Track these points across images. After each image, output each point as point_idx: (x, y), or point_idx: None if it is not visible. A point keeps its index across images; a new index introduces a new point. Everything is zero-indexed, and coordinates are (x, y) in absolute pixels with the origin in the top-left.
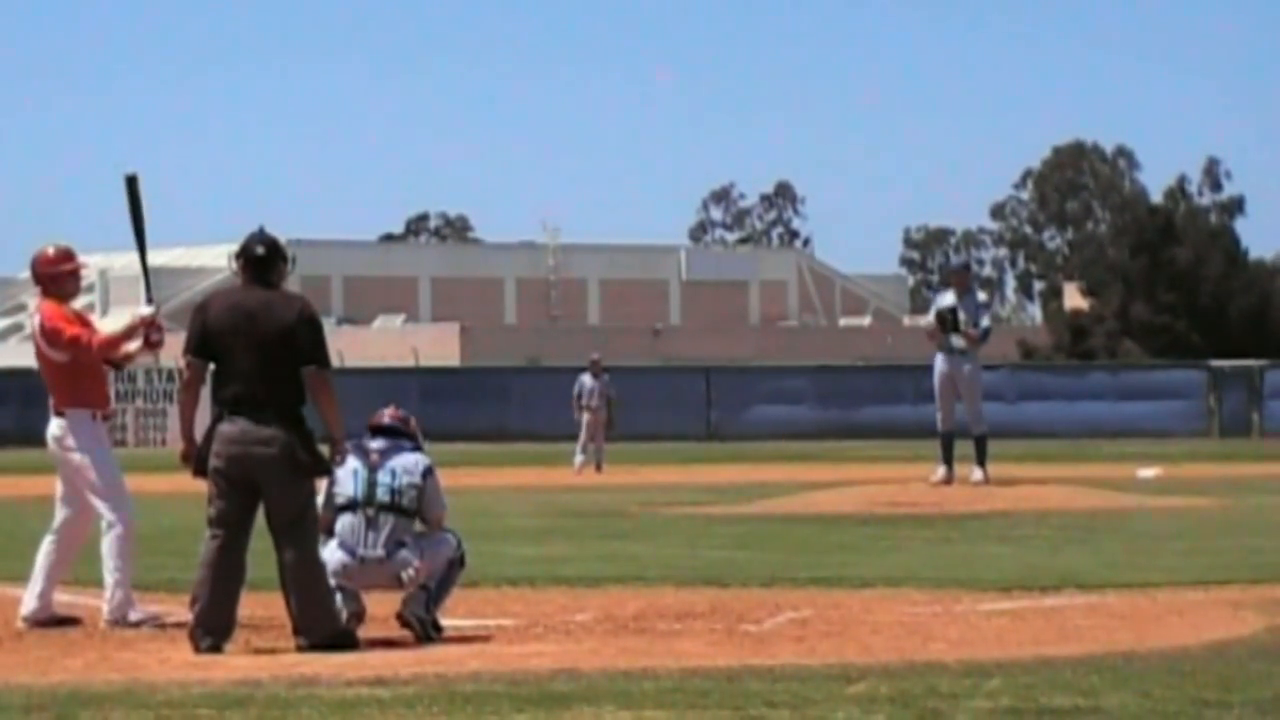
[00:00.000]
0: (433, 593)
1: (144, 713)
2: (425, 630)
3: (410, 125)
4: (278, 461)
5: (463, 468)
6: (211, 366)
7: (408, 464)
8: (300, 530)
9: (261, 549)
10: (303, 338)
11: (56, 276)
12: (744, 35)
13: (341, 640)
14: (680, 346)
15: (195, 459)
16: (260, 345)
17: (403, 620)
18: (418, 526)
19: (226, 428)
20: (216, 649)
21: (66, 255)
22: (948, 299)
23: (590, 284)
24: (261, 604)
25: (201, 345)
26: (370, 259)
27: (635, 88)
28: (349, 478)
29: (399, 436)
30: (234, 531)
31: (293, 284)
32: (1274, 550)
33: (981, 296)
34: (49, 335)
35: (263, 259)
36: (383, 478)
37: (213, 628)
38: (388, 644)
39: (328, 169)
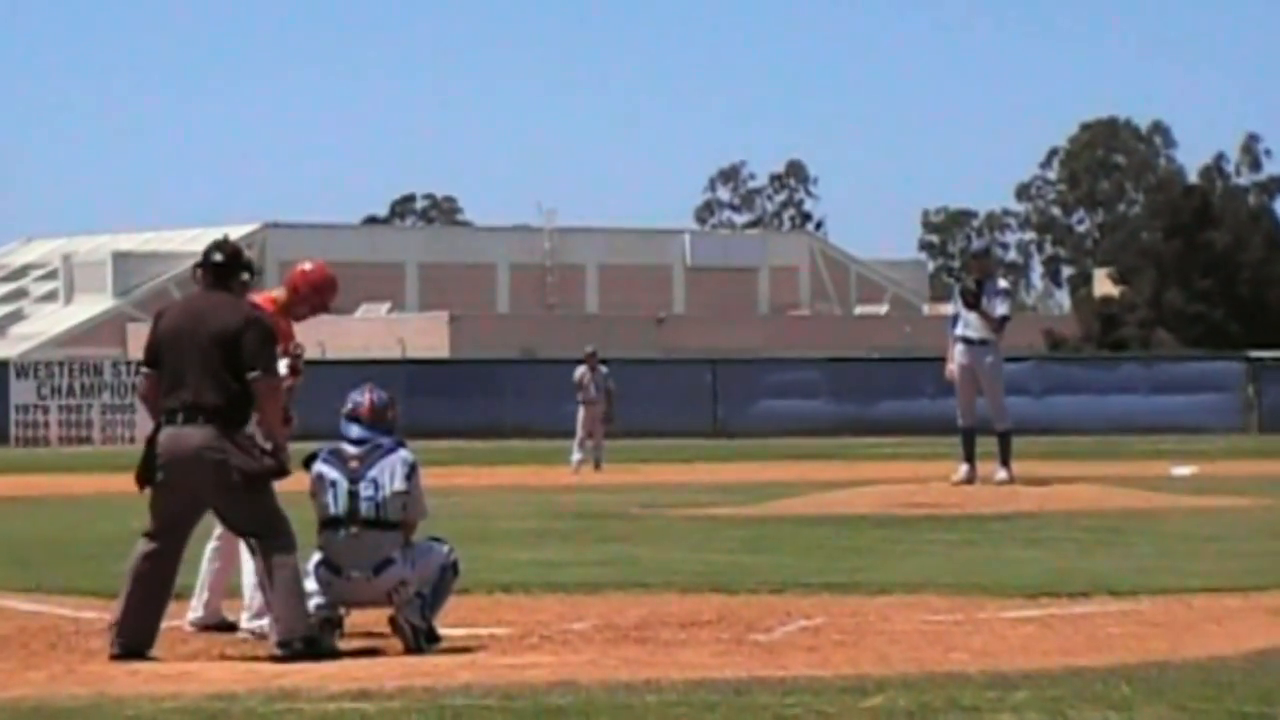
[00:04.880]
0: (427, 599)
1: None
2: (417, 638)
3: (395, 100)
4: (212, 474)
5: (452, 466)
6: None
7: (391, 469)
8: (265, 538)
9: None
10: (247, 342)
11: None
12: (753, 5)
13: (314, 645)
14: (685, 337)
15: (138, 468)
16: (201, 349)
17: (395, 626)
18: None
19: (163, 436)
20: (132, 656)
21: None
22: (969, 284)
23: (588, 270)
24: (234, 613)
25: (152, 354)
26: (353, 243)
27: (636, 60)
28: (328, 491)
29: (376, 429)
30: (165, 541)
31: (270, 270)
32: None
33: (1003, 283)
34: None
35: (220, 265)
36: (365, 490)
37: (130, 636)
38: (373, 654)
39: (306, 147)
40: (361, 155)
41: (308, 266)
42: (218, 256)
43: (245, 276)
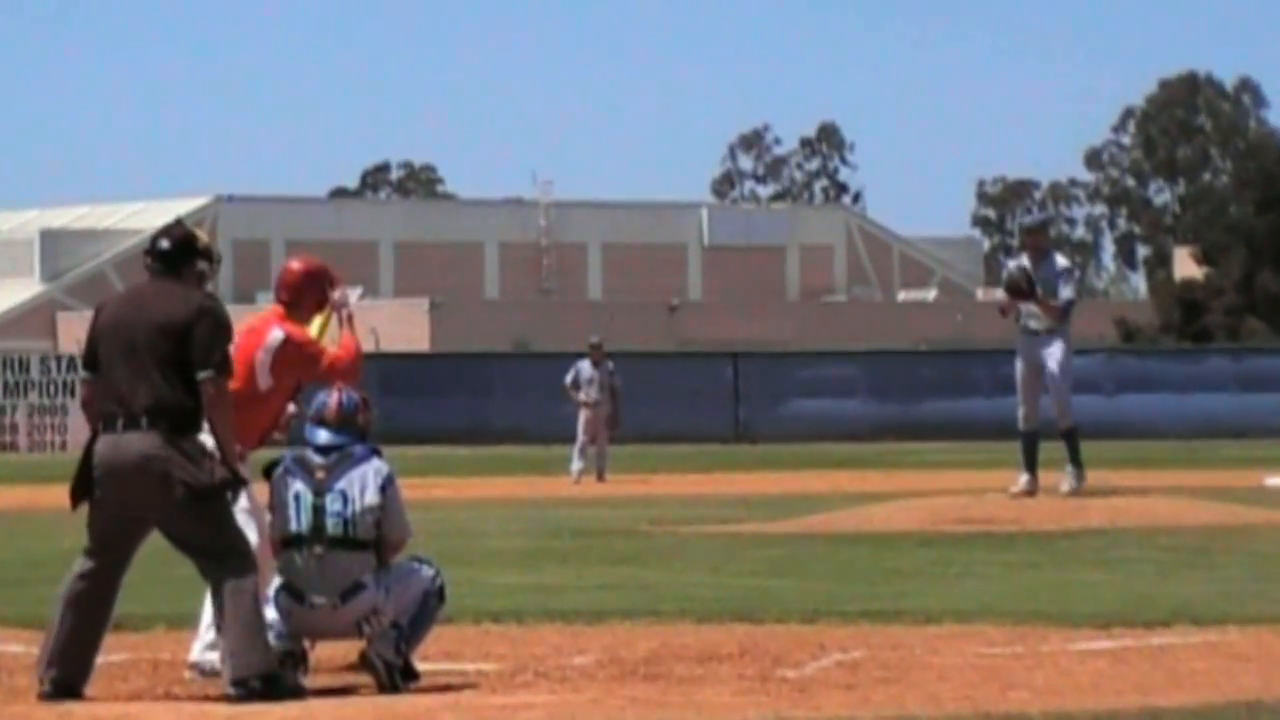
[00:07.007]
0: (404, 631)
1: None
2: (392, 676)
3: (366, 55)
4: (154, 487)
5: (433, 476)
6: None
7: (363, 481)
8: (217, 561)
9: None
10: (197, 336)
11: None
12: None
13: (274, 684)
14: (701, 327)
15: (72, 481)
16: (143, 343)
17: (366, 662)
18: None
19: (100, 444)
20: (64, 694)
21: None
22: (1021, 261)
23: (590, 250)
24: (183, 644)
25: (91, 355)
26: (318, 219)
27: (643, 8)
28: (290, 505)
29: (345, 433)
30: (103, 563)
31: (225, 249)
32: None
33: (1063, 262)
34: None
35: (166, 253)
36: (333, 504)
37: (60, 669)
38: (343, 693)
39: (265, 109)
40: (328, 118)
41: (295, 264)
42: (164, 244)
43: (203, 265)
